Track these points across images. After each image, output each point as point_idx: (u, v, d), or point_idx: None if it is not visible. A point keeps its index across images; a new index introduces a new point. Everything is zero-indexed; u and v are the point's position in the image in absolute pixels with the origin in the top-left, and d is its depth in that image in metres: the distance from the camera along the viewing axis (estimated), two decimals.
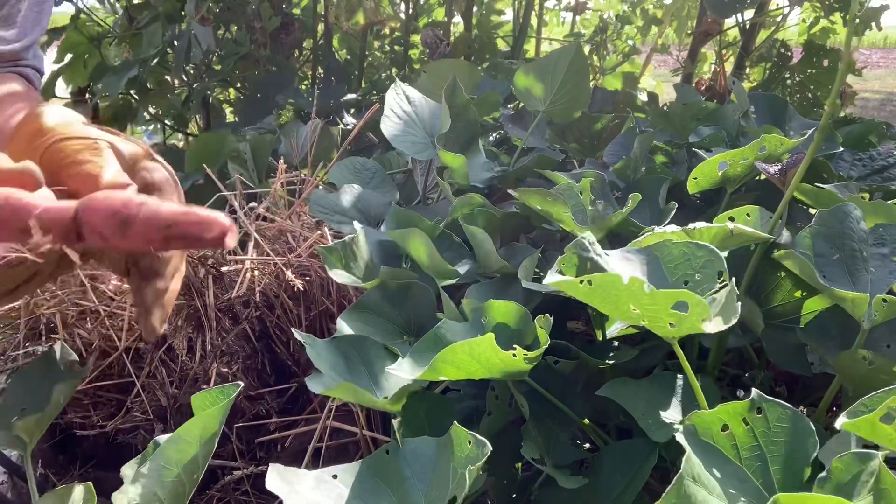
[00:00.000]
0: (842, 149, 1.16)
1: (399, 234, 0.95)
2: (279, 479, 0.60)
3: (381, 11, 2.45)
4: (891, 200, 0.99)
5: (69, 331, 1.13)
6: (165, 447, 0.59)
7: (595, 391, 0.75)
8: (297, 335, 0.78)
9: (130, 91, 2.35)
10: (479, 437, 0.59)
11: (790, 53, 2.18)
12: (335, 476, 0.63)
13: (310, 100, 1.90)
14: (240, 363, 1.13)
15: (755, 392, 0.56)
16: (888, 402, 0.50)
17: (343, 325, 0.87)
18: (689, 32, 2.47)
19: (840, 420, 0.53)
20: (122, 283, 1.20)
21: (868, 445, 0.54)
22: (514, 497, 0.83)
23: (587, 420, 0.81)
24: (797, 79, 2.14)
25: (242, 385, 0.63)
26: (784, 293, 0.87)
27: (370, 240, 1.00)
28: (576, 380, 0.86)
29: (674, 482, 0.50)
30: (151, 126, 2.80)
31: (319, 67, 2.51)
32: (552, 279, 0.65)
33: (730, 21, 2.24)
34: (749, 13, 2.16)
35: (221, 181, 1.39)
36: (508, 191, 0.99)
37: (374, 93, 2.20)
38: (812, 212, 0.97)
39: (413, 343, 0.74)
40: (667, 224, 0.89)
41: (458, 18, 2.53)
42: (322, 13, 2.47)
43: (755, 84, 2.25)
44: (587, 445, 0.88)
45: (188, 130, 2.62)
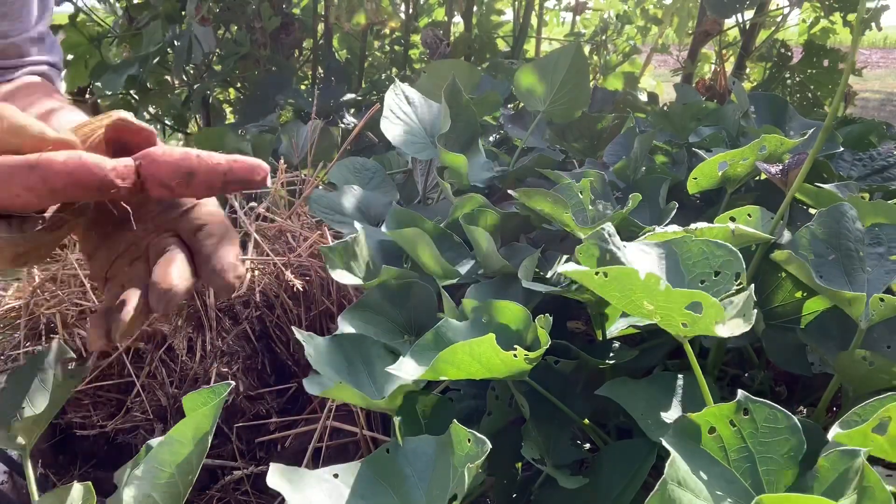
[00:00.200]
0: (842, 149, 1.16)
1: (399, 234, 0.95)
2: (280, 478, 0.60)
3: (382, 11, 2.45)
4: (891, 200, 0.99)
5: (69, 331, 1.13)
6: (158, 449, 0.58)
7: (595, 391, 0.75)
8: (297, 333, 0.78)
9: (130, 91, 2.35)
10: (479, 436, 0.59)
11: (790, 53, 2.18)
12: (336, 475, 0.63)
13: (310, 100, 1.90)
14: (240, 363, 1.13)
15: (741, 393, 0.56)
16: (880, 413, 0.50)
17: (343, 326, 0.87)
18: (689, 32, 2.47)
19: (833, 431, 0.53)
20: None
21: None
22: (514, 497, 0.83)
23: (587, 420, 0.81)
24: (797, 79, 2.14)
25: (234, 384, 0.63)
26: (784, 293, 0.87)
27: (371, 239, 1.00)
28: (576, 380, 0.86)
29: (657, 487, 0.49)
30: (151, 126, 2.79)
31: (319, 67, 2.51)
32: (567, 268, 0.64)
33: (730, 21, 2.24)
34: (749, 13, 2.16)
35: None
36: (508, 191, 0.99)
37: (374, 93, 2.20)
38: (812, 212, 0.97)
39: (413, 342, 0.74)
40: (667, 224, 0.89)
41: (458, 18, 2.53)
42: (322, 13, 2.47)
43: (755, 84, 2.25)
44: (587, 445, 0.88)
45: (188, 130, 2.62)
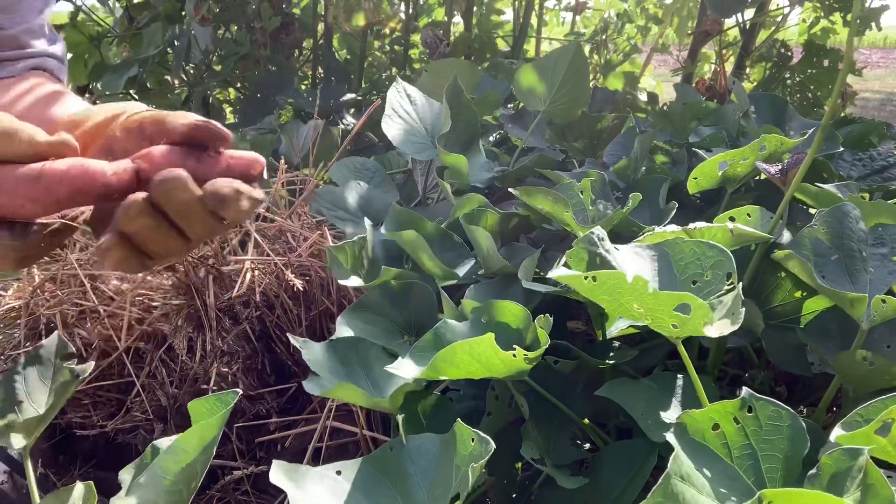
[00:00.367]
0: (842, 149, 1.16)
1: (400, 235, 0.95)
2: (283, 475, 0.60)
3: (380, 11, 2.45)
4: (891, 200, 0.99)
5: (69, 331, 1.13)
6: (163, 457, 0.59)
7: (595, 391, 0.75)
8: (293, 340, 0.78)
9: (130, 91, 2.35)
10: (483, 435, 0.59)
11: (790, 53, 2.18)
12: (339, 472, 0.63)
13: (310, 100, 1.90)
14: (240, 363, 1.13)
15: (746, 391, 0.56)
16: (883, 415, 0.50)
17: (343, 326, 0.87)
18: (690, 32, 2.47)
19: (835, 432, 0.53)
20: (122, 284, 1.20)
21: None
22: (514, 497, 0.83)
23: (587, 420, 0.80)
24: (797, 79, 2.14)
25: (241, 392, 0.63)
26: (784, 293, 0.87)
27: (373, 240, 1.00)
28: (576, 380, 0.86)
29: (660, 481, 0.50)
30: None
31: (319, 67, 2.51)
32: (558, 272, 0.64)
33: (730, 21, 2.24)
34: (749, 13, 2.16)
35: None
36: (510, 189, 0.99)
37: (374, 93, 2.20)
38: (812, 212, 0.97)
39: (413, 343, 0.74)
40: (667, 224, 0.89)
41: (458, 18, 2.53)
42: (322, 13, 2.47)
43: (755, 84, 2.25)
44: (587, 445, 0.88)
45: None
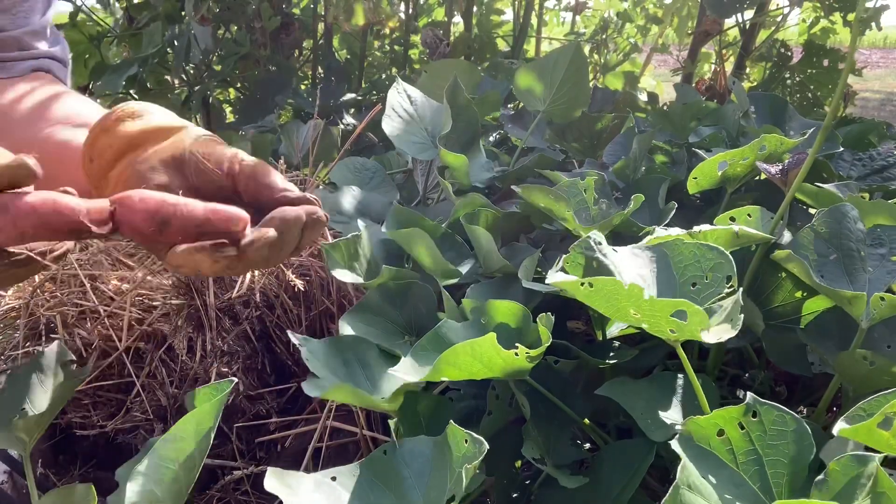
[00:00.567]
0: (842, 149, 1.16)
1: (400, 234, 0.95)
2: (278, 482, 0.60)
3: (380, 11, 2.45)
4: (891, 200, 0.99)
5: (69, 331, 1.13)
6: (161, 446, 0.59)
7: (595, 391, 0.75)
8: (293, 337, 0.78)
9: (130, 91, 2.35)
10: (476, 436, 0.59)
11: (790, 53, 2.18)
12: (334, 478, 0.63)
13: (310, 100, 1.90)
14: (240, 363, 1.13)
15: (750, 396, 0.56)
16: (886, 408, 0.50)
17: (345, 327, 0.87)
18: (690, 32, 2.47)
19: (838, 426, 0.52)
20: (122, 284, 1.20)
21: (868, 449, 0.53)
22: (514, 497, 0.83)
23: (587, 420, 0.81)
24: (797, 79, 2.14)
25: (236, 381, 0.63)
26: (784, 293, 0.87)
27: (373, 239, 1.00)
28: (576, 380, 0.86)
29: (670, 492, 0.50)
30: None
31: (319, 67, 2.51)
32: (554, 278, 0.65)
33: (730, 21, 2.24)
34: (749, 13, 2.16)
35: None
36: (512, 187, 0.99)
37: (374, 93, 2.20)
38: (812, 212, 0.97)
39: (414, 343, 0.74)
40: (667, 224, 0.89)
41: (458, 18, 2.53)
42: (322, 13, 2.47)
43: (755, 84, 2.25)
44: (587, 445, 0.88)
45: None
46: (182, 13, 2.22)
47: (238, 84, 2.47)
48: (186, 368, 1.11)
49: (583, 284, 0.61)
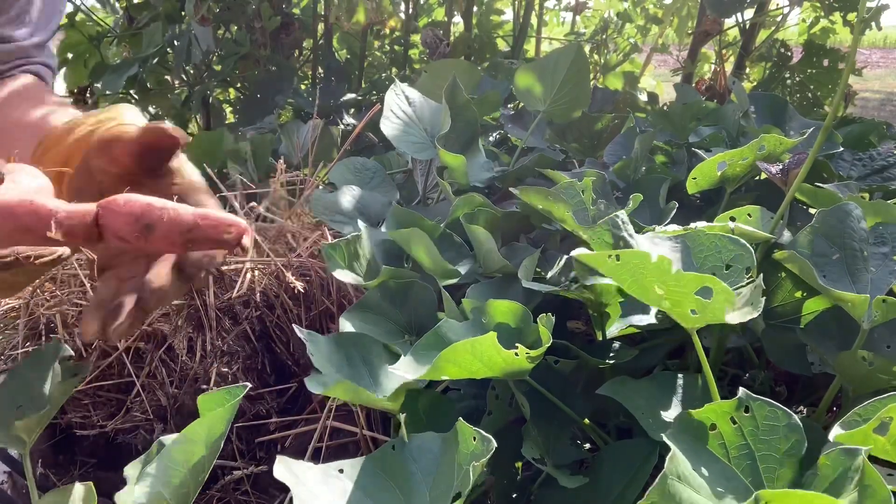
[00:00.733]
0: (842, 149, 1.16)
1: (400, 234, 0.95)
2: (286, 471, 0.60)
3: (381, 11, 2.45)
4: (891, 200, 0.99)
5: (69, 331, 1.13)
6: (171, 448, 0.59)
7: (595, 391, 0.75)
8: (298, 332, 0.78)
9: (130, 91, 2.35)
10: (485, 434, 0.59)
11: (790, 53, 2.18)
12: (341, 470, 0.63)
13: (310, 100, 1.90)
14: (240, 363, 1.13)
15: (742, 391, 0.56)
16: (882, 413, 0.50)
17: (345, 325, 0.87)
18: (690, 32, 2.47)
19: (834, 431, 0.53)
20: None
21: None
22: (514, 497, 0.83)
23: (587, 420, 0.81)
24: (797, 79, 2.14)
25: (249, 386, 0.63)
26: (784, 293, 0.87)
27: (372, 239, 1.00)
28: (576, 380, 0.86)
29: (657, 480, 0.50)
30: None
31: (319, 67, 2.51)
32: (580, 252, 0.64)
33: (730, 21, 2.24)
34: (749, 13, 2.16)
35: (221, 181, 1.39)
36: (510, 189, 0.99)
37: (374, 93, 2.20)
38: (812, 212, 0.97)
39: (414, 343, 0.74)
40: (667, 224, 0.89)
41: (458, 18, 2.53)
42: (322, 13, 2.47)
43: (755, 84, 2.25)
44: (587, 445, 0.88)
45: (188, 130, 2.62)
46: (182, 13, 2.22)
47: (238, 84, 2.47)
48: (186, 368, 1.11)
49: (610, 257, 0.60)
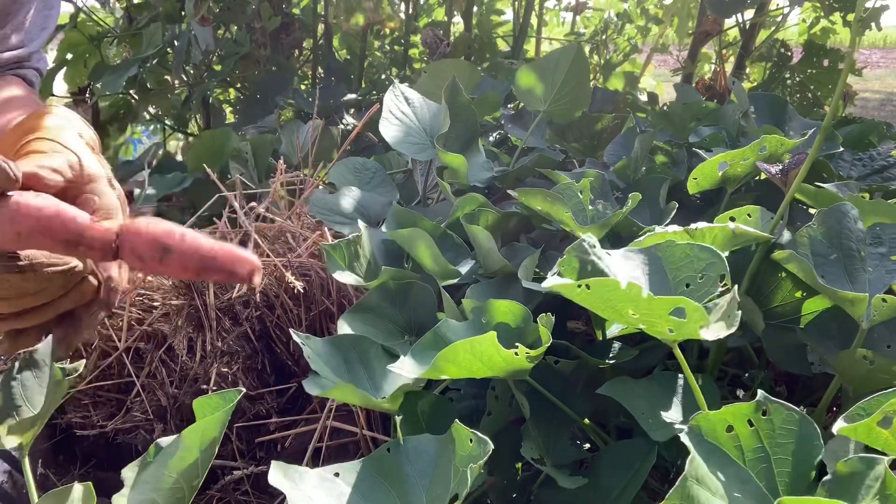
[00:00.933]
0: (842, 149, 1.16)
1: (400, 234, 0.95)
2: (282, 476, 0.60)
3: (381, 11, 2.45)
4: (891, 200, 0.99)
5: None
6: (165, 453, 0.58)
7: (595, 391, 0.75)
8: (295, 335, 0.78)
9: (130, 91, 2.35)
10: (481, 436, 0.59)
11: (790, 53, 2.18)
12: (337, 474, 0.63)
13: (310, 100, 1.90)
14: (240, 363, 1.13)
15: (761, 394, 0.56)
16: (885, 407, 0.50)
17: (344, 326, 0.87)
18: (690, 32, 2.47)
19: (837, 424, 0.52)
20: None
21: (869, 449, 0.53)
22: (514, 497, 0.83)
23: (587, 420, 0.81)
24: (797, 79, 2.14)
25: (244, 391, 0.63)
26: (784, 293, 0.87)
27: (373, 239, 1.00)
28: (576, 380, 0.86)
29: (678, 483, 0.49)
30: (151, 126, 2.80)
31: (319, 67, 2.51)
32: (551, 282, 0.64)
33: (730, 21, 2.24)
34: (749, 13, 2.16)
35: (222, 181, 1.39)
36: (508, 191, 0.99)
37: (374, 93, 2.20)
38: (812, 212, 0.97)
39: (414, 343, 0.74)
40: (667, 224, 0.89)
41: (458, 18, 2.53)
42: (322, 13, 2.47)
43: (755, 84, 2.25)
44: (587, 445, 0.88)
45: (188, 130, 2.63)
46: (182, 13, 2.22)
47: (238, 84, 2.47)
48: (186, 368, 1.11)
49: (579, 287, 0.60)
